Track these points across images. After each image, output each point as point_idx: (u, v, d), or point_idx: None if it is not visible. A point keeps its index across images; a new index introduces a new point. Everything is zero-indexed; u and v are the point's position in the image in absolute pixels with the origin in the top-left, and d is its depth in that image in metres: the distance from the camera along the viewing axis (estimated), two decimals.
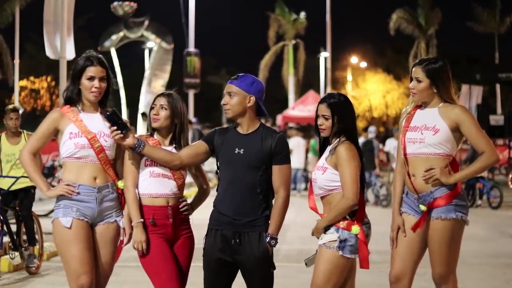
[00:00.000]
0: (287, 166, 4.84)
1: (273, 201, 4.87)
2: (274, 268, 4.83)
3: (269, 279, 4.83)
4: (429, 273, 5.11)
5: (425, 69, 4.98)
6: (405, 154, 5.03)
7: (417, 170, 4.96)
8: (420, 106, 5.10)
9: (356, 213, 4.82)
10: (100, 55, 5.04)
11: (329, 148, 4.91)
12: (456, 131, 4.95)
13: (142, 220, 4.84)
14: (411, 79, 5.06)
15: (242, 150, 4.80)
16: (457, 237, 4.94)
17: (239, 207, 4.77)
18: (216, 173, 5.00)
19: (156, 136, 5.01)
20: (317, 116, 4.94)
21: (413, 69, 5.07)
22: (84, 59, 4.97)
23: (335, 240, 4.78)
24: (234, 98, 4.82)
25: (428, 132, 4.94)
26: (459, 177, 4.94)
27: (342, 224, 4.79)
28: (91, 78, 4.91)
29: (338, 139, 4.85)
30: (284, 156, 4.82)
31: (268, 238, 4.76)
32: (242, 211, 4.76)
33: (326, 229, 4.85)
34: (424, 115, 5.03)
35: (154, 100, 4.99)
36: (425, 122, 4.98)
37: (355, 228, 4.77)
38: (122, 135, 4.80)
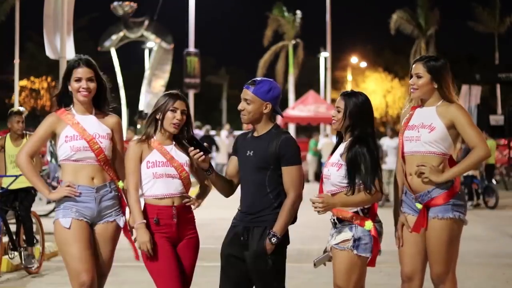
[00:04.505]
0: (294, 167, 4.81)
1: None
2: (271, 267, 4.75)
3: (268, 279, 4.76)
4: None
5: (426, 65, 4.97)
6: (402, 153, 5.03)
7: (413, 169, 4.94)
8: (419, 106, 5.09)
9: (369, 210, 4.82)
10: (87, 56, 5.04)
11: (343, 144, 4.89)
12: (452, 128, 4.92)
13: (144, 221, 4.82)
14: (411, 76, 5.05)
15: (252, 152, 4.86)
16: (455, 237, 4.93)
17: (251, 206, 4.83)
18: None
19: (158, 137, 4.97)
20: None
21: (414, 65, 5.05)
22: (71, 62, 5.02)
23: (349, 239, 4.77)
24: (250, 105, 4.84)
25: (424, 130, 4.93)
26: (449, 175, 4.89)
27: (356, 220, 4.78)
28: (78, 80, 4.95)
29: (351, 136, 4.84)
30: (289, 158, 4.80)
31: (270, 234, 4.74)
32: (253, 210, 4.82)
33: (339, 228, 4.83)
34: (422, 113, 5.01)
35: (174, 103, 4.91)
36: (422, 120, 4.97)
37: (369, 224, 4.76)
38: (203, 157, 4.84)
